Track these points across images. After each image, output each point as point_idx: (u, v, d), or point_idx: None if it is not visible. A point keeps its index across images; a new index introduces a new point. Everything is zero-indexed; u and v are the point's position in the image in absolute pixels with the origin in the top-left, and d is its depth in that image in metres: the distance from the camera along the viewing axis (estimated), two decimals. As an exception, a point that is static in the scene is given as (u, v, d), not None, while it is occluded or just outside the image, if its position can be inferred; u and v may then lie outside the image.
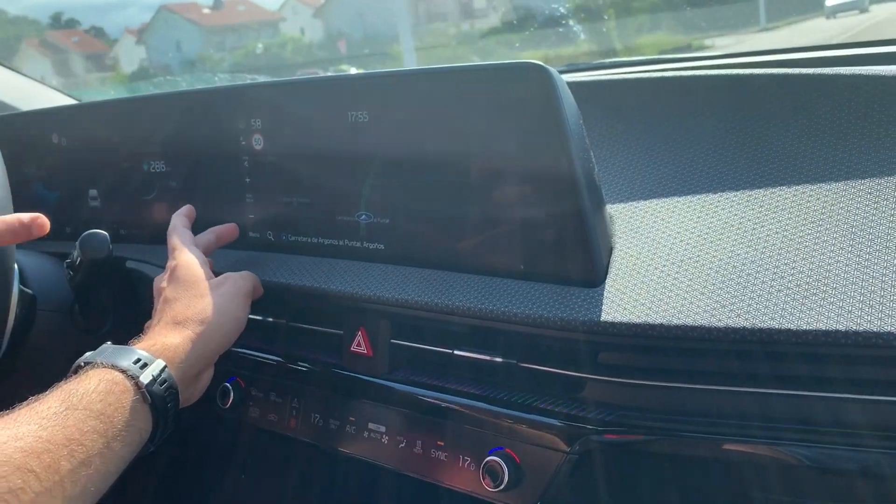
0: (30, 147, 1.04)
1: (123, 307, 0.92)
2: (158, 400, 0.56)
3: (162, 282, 0.69)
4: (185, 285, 0.66)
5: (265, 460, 0.83)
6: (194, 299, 0.65)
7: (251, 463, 0.85)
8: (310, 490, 0.80)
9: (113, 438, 0.52)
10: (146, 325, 0.66)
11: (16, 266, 0.75)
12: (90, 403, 0.52)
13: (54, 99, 1.26)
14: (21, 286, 0.82)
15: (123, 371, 0.56)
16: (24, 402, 0.52)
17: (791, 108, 0.65)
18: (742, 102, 0.68)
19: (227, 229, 0.79)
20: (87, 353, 0.59)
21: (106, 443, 0.51)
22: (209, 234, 0.77)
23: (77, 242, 0.79)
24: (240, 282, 0.69)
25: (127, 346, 0.59)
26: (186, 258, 0.69)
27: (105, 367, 0.56)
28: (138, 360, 0.57)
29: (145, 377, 0.56)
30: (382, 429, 0.69)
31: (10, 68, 1.24)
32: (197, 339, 0.62)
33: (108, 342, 0.60)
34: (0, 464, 0.45)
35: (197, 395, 0.66)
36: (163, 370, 0.58)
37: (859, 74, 0.64)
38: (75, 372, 0.57)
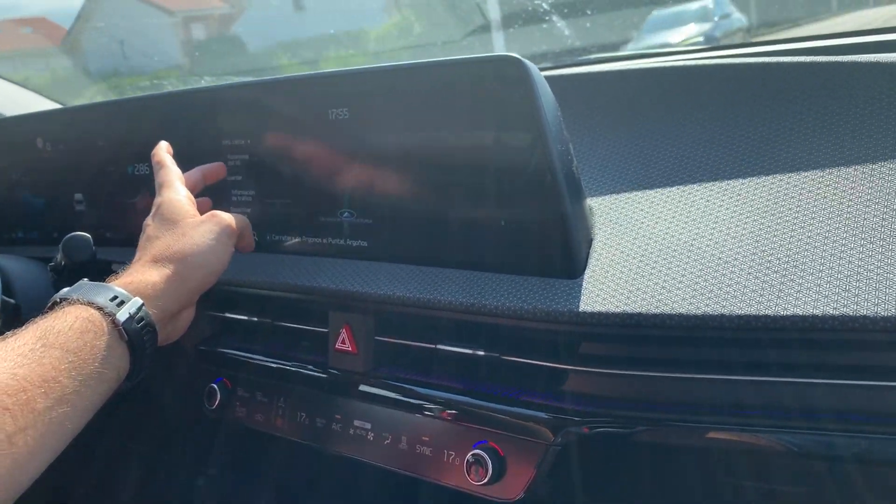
0: (14, 152, 1.04)
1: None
2: (136, 338, 0.56)
3: (147, 219, 0.68)
4: (168, 223, 0.66)
5: (252, 460, 0.83)
6: (176, 237, 0.64)
7: (238, 463, 0.85)
8: (298, 489, 0.80)
9: (89, 376, 0.52)
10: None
11: None
12: (66, 342, 0.52)
13: (38, 103, 1.26)
14: (4, 297, 0.82)
15: (100, 308, 0.55)
16: None
17: (767, 97, 0.65)
18: (718, 92, 0.68)
19: (213, 168, 0.78)
20: (64, 290, 0.58)
21: (82, 380, 0.51)
22: (196, 172, 0.76)
23: (60, 245, 0.79)
24: (225, 220, 0.68)
25: (104, 284, 0.58)
26: (171, 195, 0.68)
27: (82, 303, 0.55)
28: (115, 298, 0.56)
29: (122, 315, 0.55)
30: (368, 426, 0.69)
31: (-4, 75, 1.24)
32: (175, 276, 0.62)
33: (85, 278, 0.60)
34: None
35: (176, 334, 0.65)
36: (140, 308, 0.57)
37: (838, 61, 0.64)
38: (51, 308, 0.56)
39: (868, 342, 0.49)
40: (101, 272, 0.90)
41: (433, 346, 0.66)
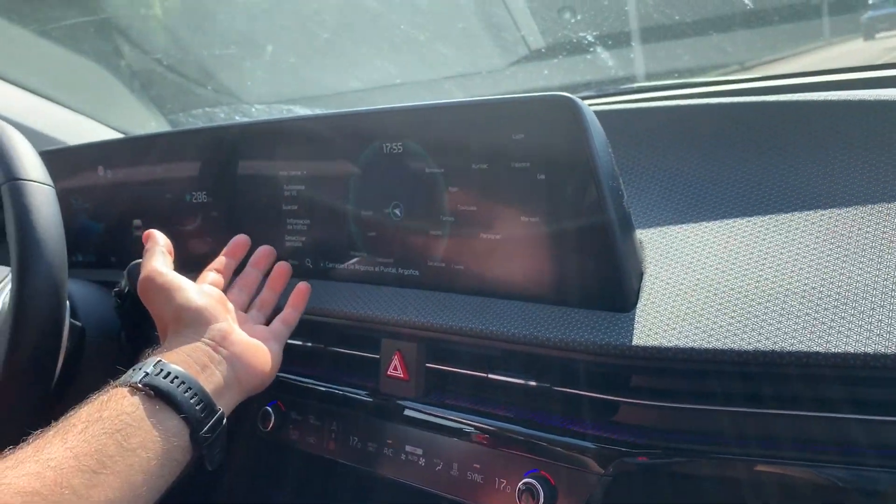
0: (76, 179, 1.09)
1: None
2: (166, 392, 0.56)
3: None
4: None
5: (305, 482, 0.85)
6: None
7: (292, 485, 0.87)
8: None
9: (127, 442, 0.52)
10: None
11: (67, 301, 0.79)
12: (90, 415, 0.54)
13: (100, 132, 1.32)
14: (71, 319, 0.86)
15: (122, 385, 0.57)
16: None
17: (819, 133, 0.66)
18: (767, 128, 0.69)
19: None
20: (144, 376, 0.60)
21: (120, 449, 0.52)
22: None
23: (125, 272, 0.82)
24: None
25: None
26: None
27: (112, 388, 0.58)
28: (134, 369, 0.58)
29: (135, 375, 0.57)
30: (419, 451, 0.71)
31: (60, 104, 1.30)
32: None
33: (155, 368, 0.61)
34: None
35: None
36: (157, 363, 0.58)
37: (889, 99, 0.65)
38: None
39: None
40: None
41: (484, 375, 0.68)
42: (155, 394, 0.56)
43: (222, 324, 0.66)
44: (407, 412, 0.72)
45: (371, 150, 0.75)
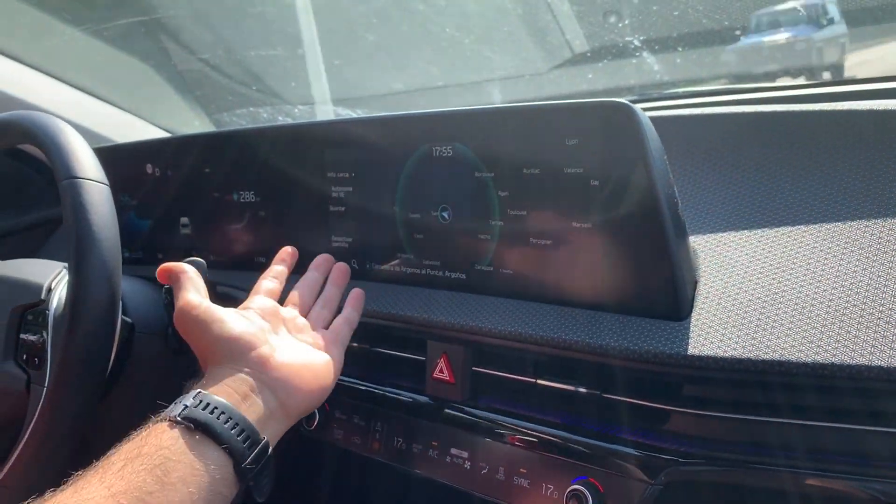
0: (125, 177, 1.11)
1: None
2: (205, 424, 0.55)
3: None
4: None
5: (348, 482, 0.86)
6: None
7: (335, 484, 0.88)
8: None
9: (167, 477, 0.51)
10: None
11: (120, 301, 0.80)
12: (131, 451, 0.53)
13: (148, 131, 1.34)
14: (123, 316, 0.87)
15: (161, 420, 0.56)
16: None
17: (881, 141, 0.65)
18: (827, 135, 0.68)
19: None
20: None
21: (160, 485, 0.50)
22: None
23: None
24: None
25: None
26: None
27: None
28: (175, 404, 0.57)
29: (175, 409, 0.56)
30: (465, 454, 0.71)
31: (109, 102, 1.32)
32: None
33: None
34: None
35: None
36: (196, 395, 0.57)
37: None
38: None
39: None
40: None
41: (533, 381, 0.67)
42: (195, 426, 0.55)
43: (262, 348, 0.63)
44: (452, 414, 0.72)
45: (420, 153, 0.76)
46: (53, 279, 0.81)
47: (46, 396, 0.71)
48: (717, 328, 0.57)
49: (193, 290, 0.68)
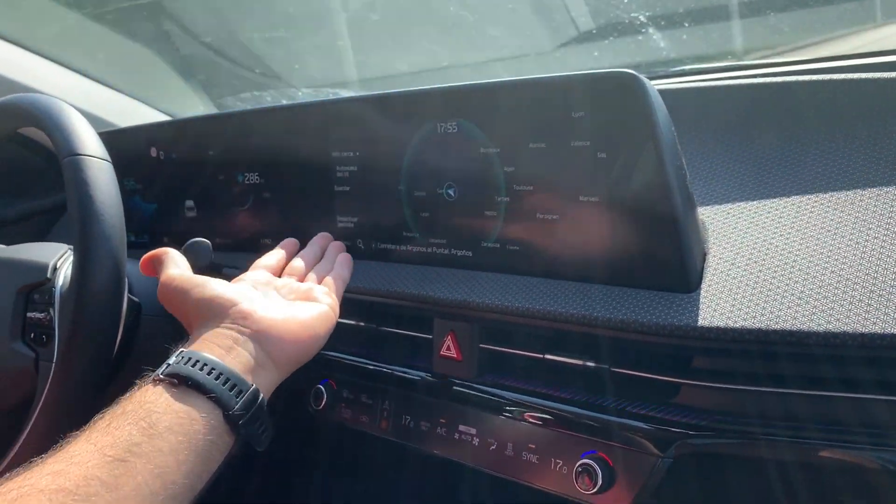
0: (129, 161, 1.11)
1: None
2: (188, 376, 0.54)
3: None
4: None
5: (356, 460, 0.86)
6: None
7: (343, 463, 0.88)
8: (401, 490, 0.82)
9: (153, 428, 0.51)
10: None
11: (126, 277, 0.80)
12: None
13: (152, 116, 1.33)
14: (129, 295, 0.87)
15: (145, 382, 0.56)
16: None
17: (889, 110, 0.64)
18: (834, 105, 0.67)
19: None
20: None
21: (146, 436, 0.50)
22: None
23: (182, 250, 0.84)
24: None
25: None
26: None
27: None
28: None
29: (159, 369, 0.56)
30: (473, 431, 0.71)
31: (109, 86, 1.32)
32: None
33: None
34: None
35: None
36: (179, 353, 0.57)
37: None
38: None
39: None
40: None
41: (541, 356, 0.67)
42: (178, 381, 0.55)
43: (243, 304, 0.63)
44: (460, 392, 0.72)
45: (425, 130, 0.75)
46: (59, 259, 0.81)
47: (55, 371, 0.71)
48: (726, 299, 0.56)
49: (173, 265, 0.69)
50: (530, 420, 0.67)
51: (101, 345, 0.71)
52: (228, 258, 0.97)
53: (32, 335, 0.77)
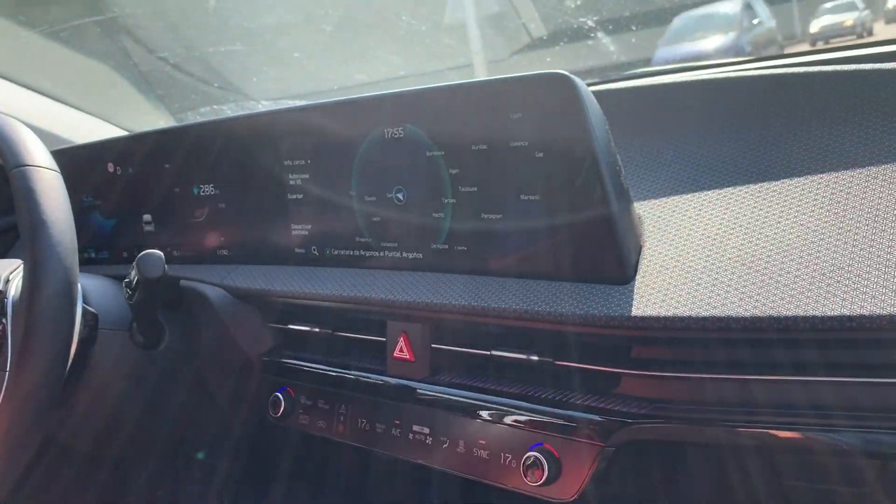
0: (87, 177, 1.10)
1: (178, 324, 0.96)
2: None
3: None
4: None
5: (315, 466, 0.87)
6: None
7: (301, 469, 0.88)
8: (358, 493, 0.83)
9: None
10: None
11: (80, 286, 0.80)
12: None
13: (109, 132, 1.33)
14: (84, 305, 0.87)
15: None
16: None
17: (813, 102, 0.67)
18: (759, 100, 0.70)
19: None
20: None
21: None
22: None
23: (134, 263, 0.84)
24: None
25: None
26: None
27: None
28: None
29: None
30: (427, 430, 0.72)
31: (69, 105, 1.31)
32: None
33: None
34: None
35: None
36: None
37: (875, 69, 0.66)
38: None
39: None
40: (170, 287, 0.95)
41: (488, 353, 0.68)
42: None
43: None
44: (413, 393, 0.73)
45: (373, 136, 0.76)
46: (12, 272, 0.81)
47: (8, 379, 0.71)
48: (660, 290, 0.58)
49: None
50: (480, 417, 0.68)
51: (56, 350, 0.71)
52: (188, 270, 0.98)
53: None
